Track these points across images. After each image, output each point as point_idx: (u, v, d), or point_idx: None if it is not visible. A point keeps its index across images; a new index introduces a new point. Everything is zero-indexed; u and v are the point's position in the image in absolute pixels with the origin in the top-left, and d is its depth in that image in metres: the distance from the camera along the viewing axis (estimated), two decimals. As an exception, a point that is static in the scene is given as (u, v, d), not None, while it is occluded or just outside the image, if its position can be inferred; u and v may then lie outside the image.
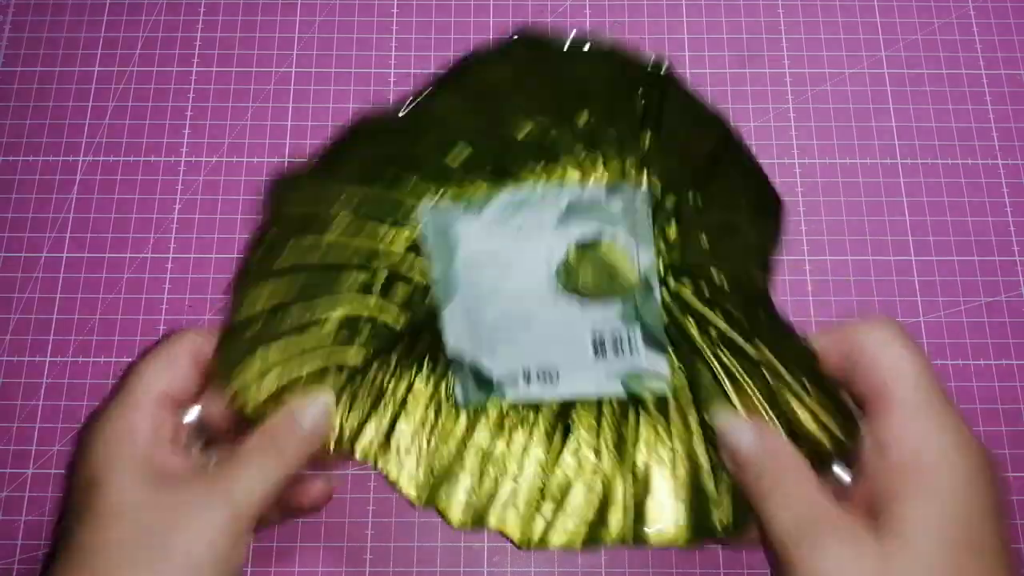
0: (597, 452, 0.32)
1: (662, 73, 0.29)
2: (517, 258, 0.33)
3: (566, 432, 0.33)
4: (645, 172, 0.32)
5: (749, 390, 0.30)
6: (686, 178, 0.31)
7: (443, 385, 0.34)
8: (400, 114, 0.30)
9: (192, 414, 0.29)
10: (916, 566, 0.22)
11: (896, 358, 0.25)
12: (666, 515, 0.31)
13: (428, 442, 0.33)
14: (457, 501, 0.32)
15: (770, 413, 0.30)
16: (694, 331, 0.32)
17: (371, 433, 0.33)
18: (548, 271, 0.33)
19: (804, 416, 0.29)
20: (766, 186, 0.30)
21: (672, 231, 0.32)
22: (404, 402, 0.33)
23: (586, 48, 0.30)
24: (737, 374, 0.31)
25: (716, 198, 0.31)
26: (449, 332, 0.33)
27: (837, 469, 0.28)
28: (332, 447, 0.31)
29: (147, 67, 0.47)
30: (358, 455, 0.32)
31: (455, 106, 0.31)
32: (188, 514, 0.25)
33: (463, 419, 0.34)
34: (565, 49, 0.30)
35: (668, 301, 0.32)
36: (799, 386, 0.30)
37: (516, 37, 0.30)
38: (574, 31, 0.31)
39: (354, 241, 0.32)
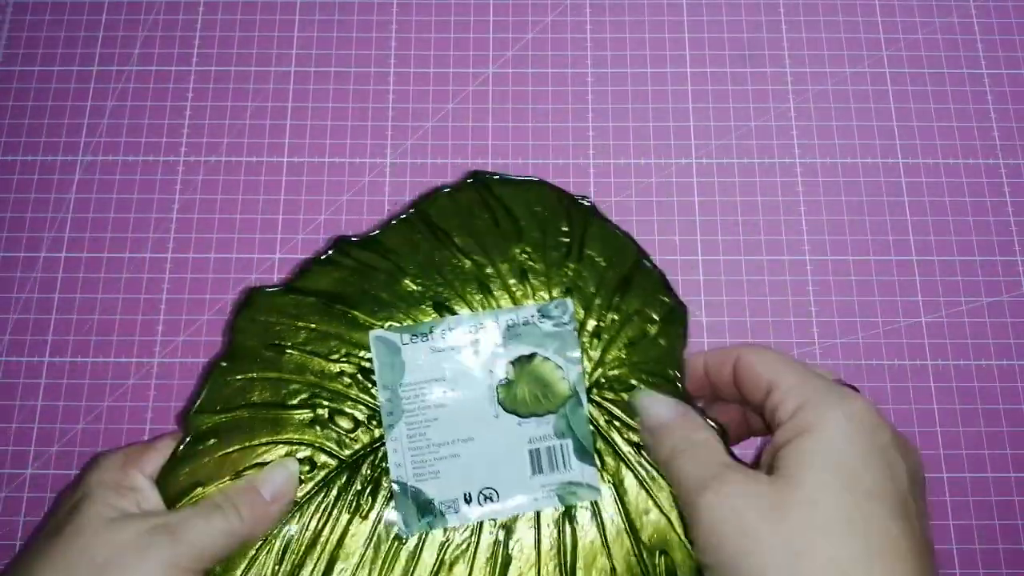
0: None
1: (586, 204, 0.36)
2: (460, 380, 0.36)
3: (507, 564, 0.34)
4: (570, 297, 0.36)
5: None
6: (603, 300, 0.36)
7: (382, 520, 0.35)
8: (370, 234, 0.35)
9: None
10: (804, 500, 0.24)
11: (770, 360, 0.29)
12: None
13: None
14: None
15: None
16: (617, 438, 0.35)
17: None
18: (490, 390, 0.35)
19: None
20: (672, 296, 0.36)
21: (593, 350, 0.36)
22: (341, 543, 0.34)
23: (523, 180, 0.36)
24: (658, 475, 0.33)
25: (630, 315, 0.36)
26: (392, 459, 0.35)
27: None
28: None
29: (146, 66, 0.47)
30: None
31: (406, 239, 0.36)
32: (136, 551, 0.29)
33: (403, 556, 0.34)
34: (505, 180, 0.36)
35: (594, 413, 0.35)
36: None
37: (469, 180, 0.36)
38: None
39: (300, 377, 0.35)
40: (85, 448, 0.41)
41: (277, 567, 0.33)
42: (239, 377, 0.35)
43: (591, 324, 0.36)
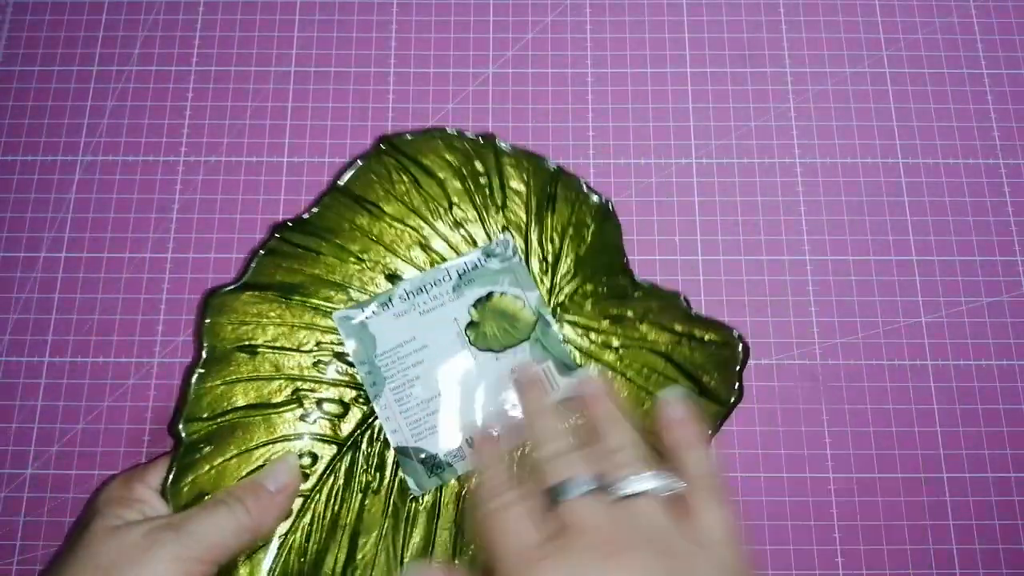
0: None
1: (490, 141, 0.38)
2: (429, 336, 0.37)
3: None
4: (507, 231, 0.38)
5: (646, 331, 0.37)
6: (537, 223, 0.38)
7: (394, 489, 0.35)
8: (303, 216, 0.37)
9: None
10: None
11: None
12: None
13: (391, 548, 0.35)
14: None
15: (657, 348, 0.37)
16: (585, 342, 0.37)
17: (331, 561, 0.34)
18: (460, 337, 0.37)
19: (684, 343, 0.37)
20: (597, 195, 0.38)
21: (544, 274, 0.37)
22: (360, 519, 0.35)
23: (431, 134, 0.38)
24: (626, 341, 0.37)
25: (565, 228, 0.38)
26: (387, 427, 0.36)
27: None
28: None
29: (146, 66, 0.47)
30: None
31: (340, 217, 0.37)
32: (140, 549, 0.30)
33: (423, 516, 0.35)
34: (415, 139, 0.38)
35: (568, 334, 0.37)
36: (677, 314, 0.37)
37: (380, 146, 0.38)
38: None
39: (279, 375, 0.36)
40: (85, 448, 0.41)
41: (302, 559, 0.33)
42: (219, 382, 0.35)
43: (535, 251, 0.38)
